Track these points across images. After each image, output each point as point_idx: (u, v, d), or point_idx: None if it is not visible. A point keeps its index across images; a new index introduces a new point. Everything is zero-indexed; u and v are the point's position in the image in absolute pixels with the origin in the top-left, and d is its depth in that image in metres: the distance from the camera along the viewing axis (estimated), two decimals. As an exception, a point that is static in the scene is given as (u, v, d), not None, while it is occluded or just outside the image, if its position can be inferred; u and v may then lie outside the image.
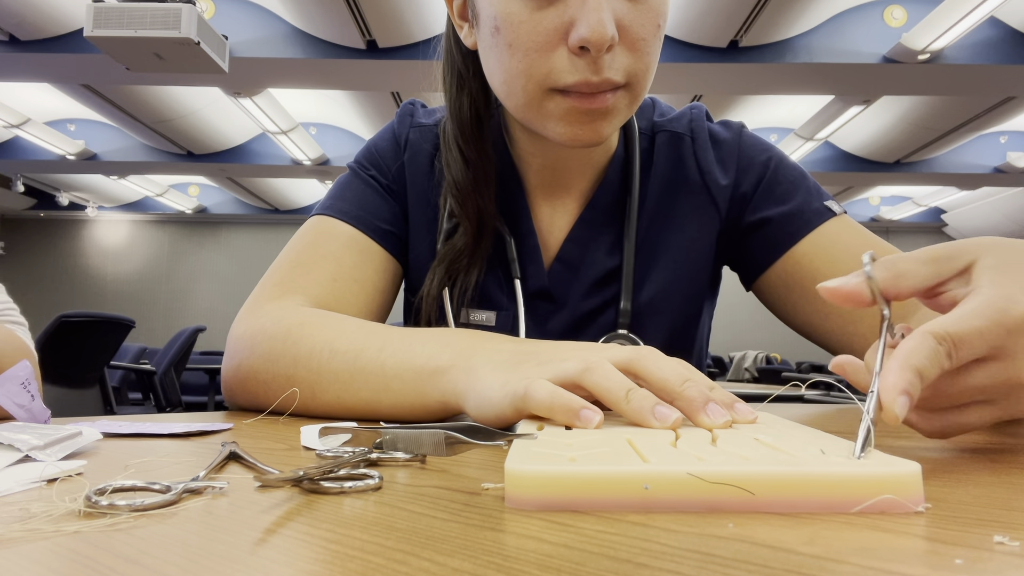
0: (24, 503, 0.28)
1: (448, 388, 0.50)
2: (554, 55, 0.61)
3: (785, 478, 0.26)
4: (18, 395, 0.50)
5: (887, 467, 0.26)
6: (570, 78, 0.61)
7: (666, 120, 0.81)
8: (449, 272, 0.75)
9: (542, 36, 0.60)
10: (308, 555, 0.22)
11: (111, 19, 3.82)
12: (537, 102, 0.64)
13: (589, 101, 0.62)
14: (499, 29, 0.62)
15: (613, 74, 0.61)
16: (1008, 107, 5.96)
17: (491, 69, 0.67)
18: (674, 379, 0.40)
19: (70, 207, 10.18)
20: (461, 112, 0.75)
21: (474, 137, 0.74)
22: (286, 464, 0.37)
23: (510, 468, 0.27)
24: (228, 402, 0.70)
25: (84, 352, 3.35)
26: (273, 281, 0.72)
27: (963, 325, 0.34)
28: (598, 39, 0.58)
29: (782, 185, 0.77)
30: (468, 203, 0.74)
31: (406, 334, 0.57)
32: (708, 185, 0.78)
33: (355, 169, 0.81)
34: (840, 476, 0.26)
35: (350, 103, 6.67)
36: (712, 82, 5.32)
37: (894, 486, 0.25)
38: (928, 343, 0.33)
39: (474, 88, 0.74)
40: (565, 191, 0.78)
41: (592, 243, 0.77)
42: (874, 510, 0.25)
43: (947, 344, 0.33)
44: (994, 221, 9.23)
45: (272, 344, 0.63)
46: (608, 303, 0.77)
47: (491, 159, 0.75)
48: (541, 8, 0.60)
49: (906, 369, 0.32)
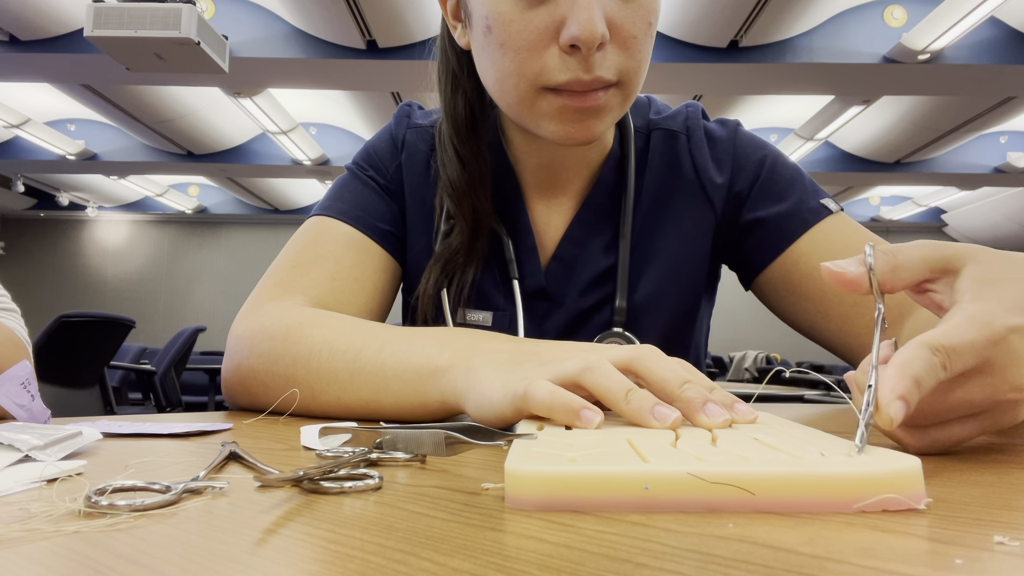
0: (24, 503, 0.28)
1: (448, 388, 0.50)
2: (545, 54, 0.61)
3: (785, 478, 0.26)
4: (18, 395, 0.50)
5: (888, 464, 0.26)
6: (561, 76, 0.61)
7: (662, 118, 0.81)
8: (445, 271, 0.75)
9: (533, 35, 0.61)
10: (308, 555, 0.22)
11: (111, 19, 3.82)
12: (529, 101, 0.64)
13: (581, 99, 0.62)
14: (491, 29, 0.62)
15: (604, 72, 0.61)
16: (1008, 107, 5.95)
17: (484, 69, 0.67)
18: (673, 379, 0.40)
19: (70, 207, 10.18)
20: (456, 112, 0.75)
21: (469, 137, 0.75)
22: (286, 464, 0.37)
23: (510, 468, 0.27)
24: (229, 402, 0.70)
25: (84, 352, 3.35)
26: (273, 281, 0.72)
27: (956, 337, 0.35)
28: (588, 37, 0.58)
29: (778, 184, 0.77)
30: (464, 203, 0.74)
31: (406, 334, 0.57)
32: (703, 183, 0.78)
33: (353, 170, 0.82)
34: (841, 475, 0.26)
35: (350, 103, 6.67)
36: (712, 82, 5.32)
37: (895, 483, 0.25)
38: (924, 353, 0.34)
39: (468, 88, 0.75)
40: (561, 190, 0.78)
41: (588, 242, 0.77)
42: (876, 508, 0.25)
43: (942, 355, 0.34)
44: (994, 221, 9.23)
45: (271, 344, 0.63)
46: (604, 301, 0.77)
47: (486, 159, 0.76)
48: (532, 7, 0.60)
49: (904, 377, 0.33)
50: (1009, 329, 0.35)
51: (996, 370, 0.36)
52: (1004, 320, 0.36)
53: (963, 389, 0.36)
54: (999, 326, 0.35)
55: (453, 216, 0.75)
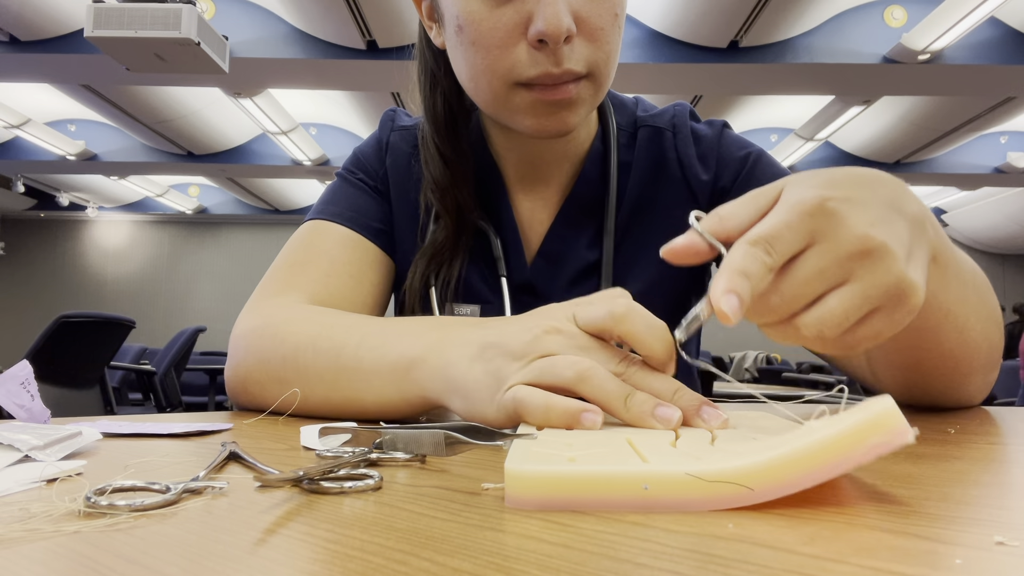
0: (24, 503, 0.28)
1: (425, 384, 0.51)
2: (515, 50, 0.63)
3: (778, 463, 0.26)
4: (18, 395, 0.50)
5: (864, 413, 0.26)
6: (532, 71, 0.63)
7: (648, 115, 0.82)
8: (431, 265, 0.76)
9: (502, 32, 0.62)
10: (308, 555, 0.22)
11: (111, 19, 3.82)
12: (503, 97, 0.66)
13: (552, 92, 0.64)
14: (462, 28, 0.64)
15: (573, 64, 0.63)
16: (1008, 107, 5.95)
17: (458, 67, 0.69)
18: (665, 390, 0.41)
19: (70, 207, 10.18)
20: (435, 110, 0.77)
21: (449, 135, 0.77)
22: (286, 464, 0.37)
23: (510, 468, 0.27)
24: (232, 402, 0.71)
25: (84, 352, 3.35)
26: (270, 282, 0.74)
27: (770, 223, 0.36)
28: (554, 31, 0.60)
29: (760, 180, 0.77)
30: (447, 199, 0.76)
31: (384, 326, 0.58)
32: (688, 179, 0.79)
33: (343, 175, 0.84)
34: (827, 440, 0.26)
35: (350, 103, 6.67)
36: (712, 82, 5.32)
37: (878, 428, 0.26)
38: (743, 248, 0.35)
39: (446, 87, 0.77)
40: (544, 185, 0.80)
41: (573, 237, 0.78)
42: (871, 458, 0.26)
43: (762, 243, 0.35)
44: (994, 221, 9.23)
45: (262, 343, 0.64)
46: None
47: (467, 156, 0.77)
48: (500, 5, 0.62)
49: (730, 272, 0.34)
50: (821, 199, 0.36)
51: (827, 235, 0.36)
52: (814, 193, 0.36)
53: (806, 264, 0.36)
54: (809, 199, 0.36)
55: (438, 212, 0.77)
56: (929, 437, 0.45)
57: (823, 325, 0.36)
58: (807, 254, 0.36)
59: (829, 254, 0.36)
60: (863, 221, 0.36)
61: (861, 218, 0.36)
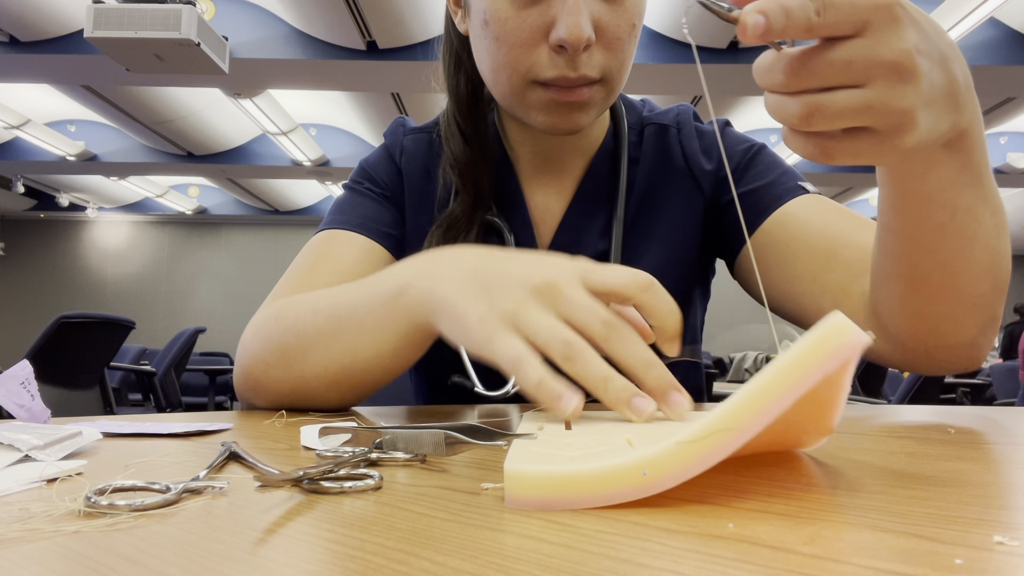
0: (24, 503, 0.28)
1: (413, 307, 0.51)
2: (536, 51, 0.66)
3: (753, 395, 0.27)
4: (18, 395, 0.50)
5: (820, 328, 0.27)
6: (549, 73, 0.66)
7: (654, 115, 0.86)
8: (446, 236, 0.77)
9: (526, 33, 0.65)
10: (308, 555, 0.22)
11: (111, 20, 3.82)
12: (520, 92, 0.69)
13: (567, 94, 0.67)
14: (488, 23, 0.67)
15: (589, 70, 0.66)
16: (1008, 107, 5.96)
17: (480, 58, 0.72)
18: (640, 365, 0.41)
19: (70, 208, 10.19)
20: (458, 90, 0.80)
21: (471, 113, 0.79)
22: (286, 464, 0.37)
23: (510, 468, 0.27)
24: (241, 402, 0.71)
25: (84, 353, 3.35)
26: (280, 288, 0.75)
27: None
28: (575, 40, 0.63)
29: (759, 166, 0.80)
30: (467, 176, 0.78)
31: (381, 272, 0.58)
32: (692, 170, 0.82)
33: (350, 186, 0.85)
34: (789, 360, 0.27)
35: (350, 104, 6.67)
36: (712, 82, 5.32)
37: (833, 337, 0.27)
38: None
39: (470, 68, 0.79)
40: (557, 178, 0.82)
41: (584, 228, 0.81)
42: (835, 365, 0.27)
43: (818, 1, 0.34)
44: (994, 222, 9.20)
45: (267, 327, 0.66)
46: None
47: (487, 137, 0.80)
48: (526, 7, 0.65)
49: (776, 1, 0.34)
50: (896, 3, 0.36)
51: (875, 33, 0.35)
52: None
53: (841, 48, 0.36)
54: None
55: (456, 188, 0.79)
56: (929, 437, 0.45)
57: (818, 110, 0.37)
58: (846, 42, 0.36)
59: (865, 50, 0.36)
60: (914, 43, 0.36)
61: (914, 40, 0.36)
